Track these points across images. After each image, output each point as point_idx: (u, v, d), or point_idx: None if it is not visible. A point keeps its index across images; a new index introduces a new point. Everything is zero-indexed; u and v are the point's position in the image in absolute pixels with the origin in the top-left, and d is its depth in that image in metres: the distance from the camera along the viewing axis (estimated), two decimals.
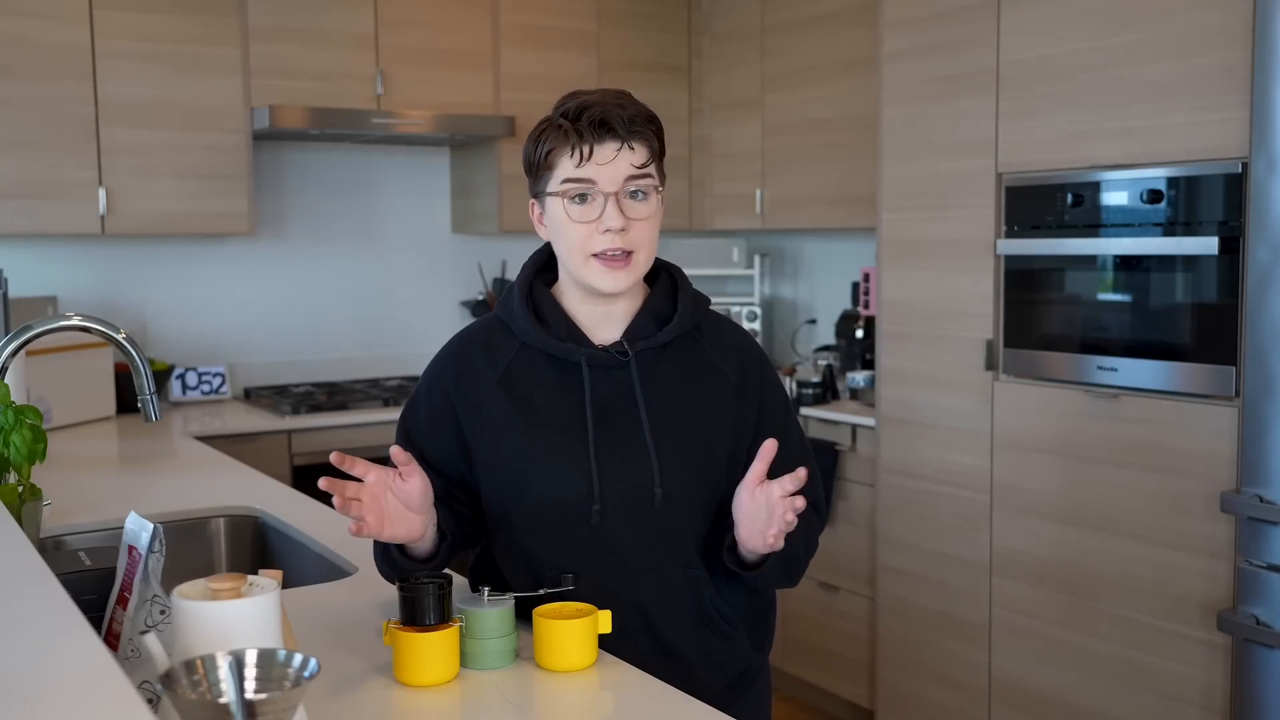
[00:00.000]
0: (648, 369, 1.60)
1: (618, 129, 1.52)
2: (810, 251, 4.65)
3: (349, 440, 3.66)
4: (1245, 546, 2.52)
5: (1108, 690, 2.85)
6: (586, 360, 1.58)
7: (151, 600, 1.31)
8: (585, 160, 1.52)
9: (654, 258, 1.60)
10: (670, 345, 1.62)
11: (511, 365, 1.61)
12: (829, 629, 3.76)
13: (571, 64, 4.34)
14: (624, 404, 1.58)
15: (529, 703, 1.42)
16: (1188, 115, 2.62)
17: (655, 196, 1.56)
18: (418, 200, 4.50)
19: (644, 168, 1.54)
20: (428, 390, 1.66)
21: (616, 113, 1.52)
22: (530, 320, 1.60)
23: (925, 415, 3.31)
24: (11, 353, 2.01)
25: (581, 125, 1.52)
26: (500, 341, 1.63)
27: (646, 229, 1.55)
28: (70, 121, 3.56)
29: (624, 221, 1.52)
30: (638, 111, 1.55)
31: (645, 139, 1.55)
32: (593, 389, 1.58)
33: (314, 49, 3.89)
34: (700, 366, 1.63)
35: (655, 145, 1.56)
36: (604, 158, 1.52)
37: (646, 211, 1.55)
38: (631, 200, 1.54)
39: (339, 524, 2.26)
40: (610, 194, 1.53)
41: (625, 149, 1.53)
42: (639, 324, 1.61)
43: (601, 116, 1.52)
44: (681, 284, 1.67)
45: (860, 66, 3.82)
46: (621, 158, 1.52)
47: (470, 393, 1.61)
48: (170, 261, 4.06)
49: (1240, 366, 2.53)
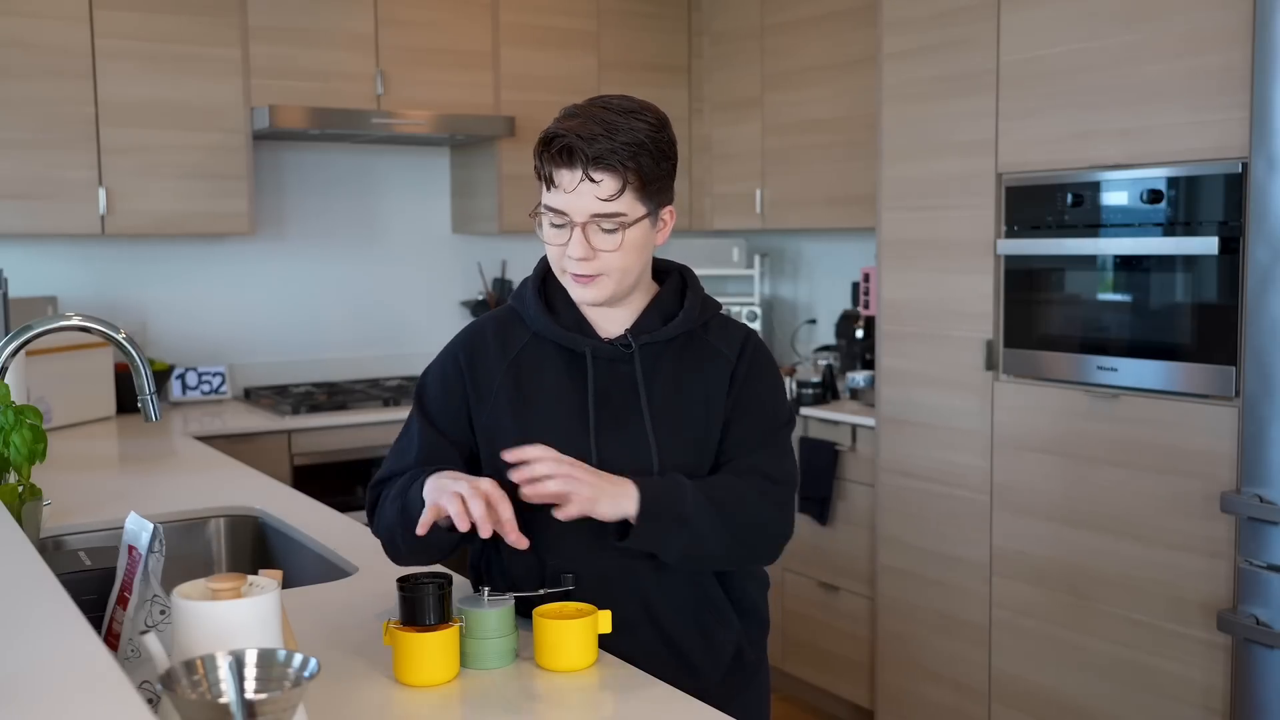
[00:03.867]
0: (651, 363, 1.64)
1: (578, 164, 1.51)
2: (810, 251, 4.65)
3: (349, 440, 3.67)
4: (1245, 546, 2.52)
5: (1108, 690, 2.85)
6: (591, 351, 1.63)
7: (151, 600, 1.31)
8: (553, 187, 1.54)
9: (634, 275, 1.60)
10: (675, 341, 1.65)
11: (522, 353, 1.66)
12: (829, 629, 3.76)
13: (571, 64, 4.34)
14: (626, 395, 1.62)
15: (529, 703, 1.42)
16: (1188, 115, 2.62)
17: (627, 232, 1.55)
18: (418, 200, 4.50)
19: (612, 200, 1.52)
20: (442, 371, 1.70)
21: (583, 146, 1.50)
22: (542, 310, 1.65)
23: (925, 415, 3.31)
24: (11, 353, 2.01)
25: (551, 151, 1.53)
26: (513, 331, 1.68)
27: (615, 258, 1.56)
28: (70, 121, 3.56)
29: (587, 252, 1.54)
30: (613, 144, 1.51)
31: (616, 171, 1.51)
32: (596, 379, 1.62)
33: (314, 49, 3.89)
34: (702, 357, 1.66)
35: (634, 177, 1.53)
36: (568, 187, 1.53)
37: (613, 244, 1.55)
38: (600, 232, 1.55)
39: (339, 524, 2.26)
40: (578, 224, 1.54)
41: (586, 182, 1.51)
42: (645, 319, 1.65)
43: (566, 146, 1.51)
44: (691, 284, 1.70)
45: (860, 66, 3.82)
46: (584, 191, 1.52)
47: (481, 377, 1.66)
48: (170, 261, 4.06)
49: (1240, 366, 2.53)
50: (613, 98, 1.58)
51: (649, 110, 1.58)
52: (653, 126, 1.55)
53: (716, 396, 1.64)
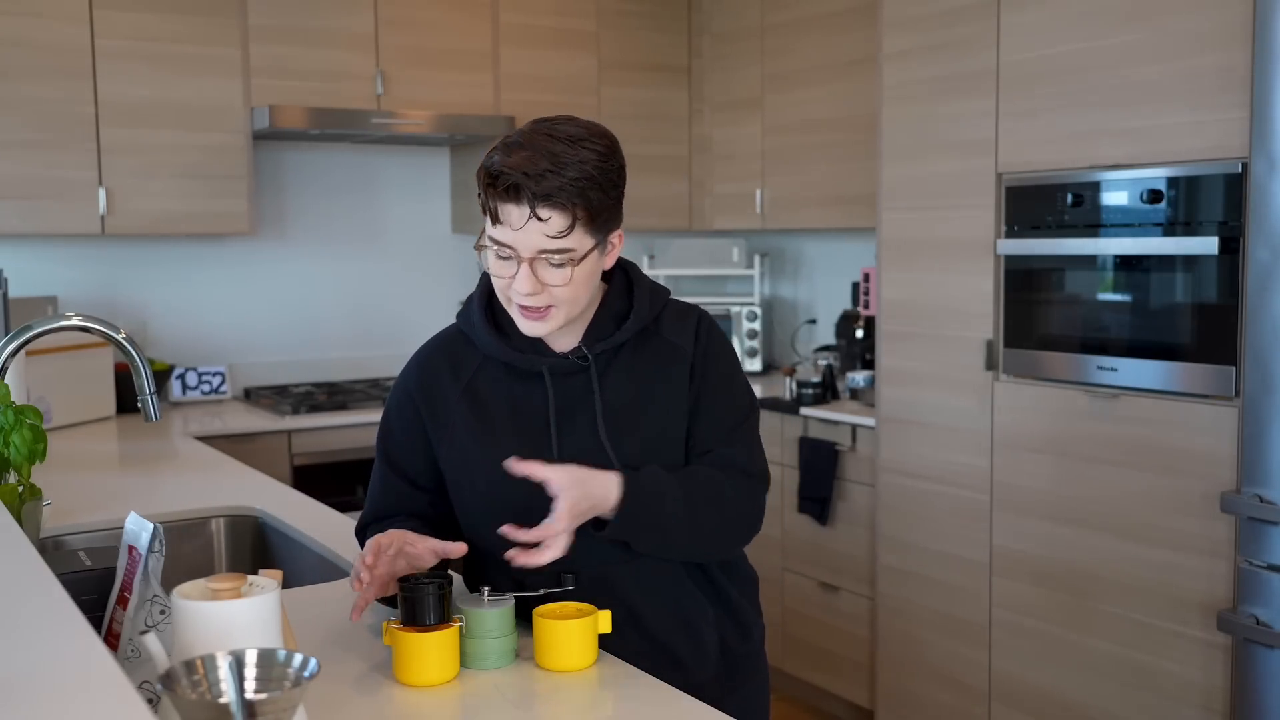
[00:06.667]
0: (605, 368, 1.61)
1: (524, 201, 1.46)
2: (810, 251, 4.65)
3: (349, 440, 3.67)
4: (1245, 546, 2.52)
5: (1108, 690, 2.85)
6: (549, 369, 1.60)
7: (151, 600, 1.31)
8: (498, 223, 1.50)
9: (583, 302, 1.56)
10: (628, 342, 1.62)
11: (475, 376, 1.63)
12: (829, 629, 3.76)
13: (571, 64, 4.34)
14: (584, 406, 1.59)
15: (529, 703, 1.42)
16: (1188, 115, 2.62)
17: (576, 266, 1.51)
18: (418, 200, 4.50)
19: (560, 236, 1.48)
20: (398, 407, 1.67)
21: (529, 185, 1.45)
22: (490, 333, 1.61)
23: (925, 415, 3.31)
24: (11, 353, 2.01)
25: (496, 189, 1.48)
26: (463, 353, 1.65)
27: (564, 291, 1.51)
28: (70, 121, 3.56)
29: (535, 287, 1.50)
30: (566, 180, 1.46)
31: (564, 209, 1.47)
32: (556, 397, 1.59)
33: (314, 49, 3.89)
34: (656, 354, 1.63)
35: (582, 212, 1.48)
36: (515, 224, 1.48)
37: (562, 279, 1.50)
38: (549, 266, 1.50)
39: (339, 524, 2.26)
40: (525, 259, 1.50)
41: (534, 220, 1.47)
42: (597, 326, 1.61)
43: (514, 184, 1.46)
44: (636, 279, 1.66)
45: (860, 66, 3.82)
46: (531, 228, 1.47)
47: (437, 404, 1.63)
48: (170, 261, 4.06)
49: (1240, 366, 2.53)
50: (559, 122, 1.52)
51: (597, 136, 1.52)
52: (601, 155, 1.50)
53: (677, 394, 1.61)
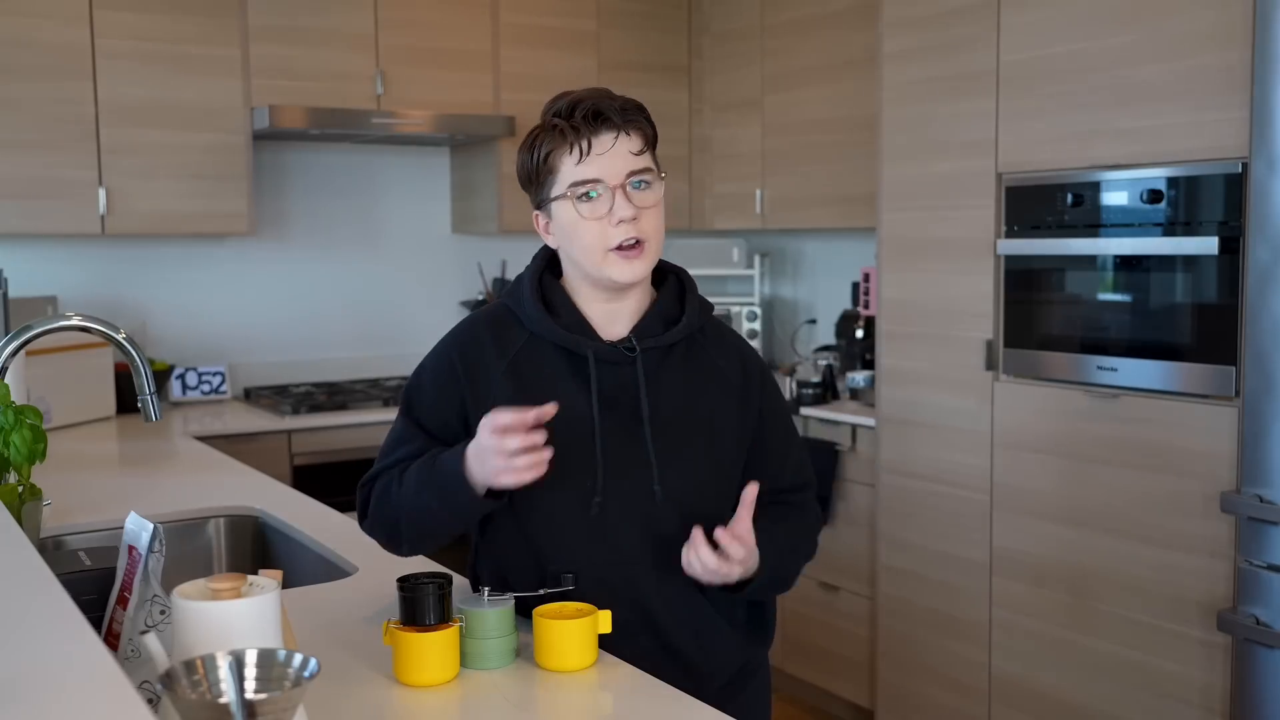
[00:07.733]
0: (654, 368, 1.62)
1: (613, 118, 1.55)
2: (810, 251, 4.65)
3: (349, 440, 3.67)
4: (1245, 546, 2.52)
5: (1108, 690, 2.85)
6: (594, 354, 1.59)
7: (151, 600, 1.31)
8: (585, 155, 1.55)
9: (660, 247, 1.62)
10: (676, 347, 1.64)
11: (519, 355, 1.62)
12: (829, 629, 3.76)
13: (571, 64, 4.34)
14: (628, 400, 1.59)
15: (529, 703, 1.42)
16: (1188, 115, 2.62)
17: (658, 184, 1.59)
18: (418, 200, 4.50)
19: (641, 154, 1.57)
20: (435, 368, 1.65)
21: (608, 103, 1.56)
22: (540, 310, 1.62)
23: (925, 415, 3.31)
24: (11, 353, 2.01)
25: (576, 120, 1.55)
26: (508, 330, 1.64)
27: (654, 216, 1.58)
28: (70, 121, 3.56)
29: (634, 210, 1.55)
30: (626, 101, 1.58)
31: (639, 126, 1.58)
32: (600, 382, 1.59)
33: (314, 49, 3.89)
34: (705, 369, 1.65)
35: (649, 132, 1.60)
36: (603, 148, 1.55)
37: (652, 199, 1.58)
38: (636, 190, 1.57)
39: (339, 524, 2.26)
40: (615, 187, 1.55)
41: (622, 136, 1.56)
42: (647, 323, 1.63)
43: (595, 108, 1.55)
44: (689, 287, 1.69)
45: (860, 66, 3.82)
46: (620, 146, 1.55)
47: (479, 378, 1.61)
48: (170, 261, 4.06)
49: (1240, 366, 2.53)
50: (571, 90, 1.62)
51: None
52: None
53: (722, 415, 1.64)
